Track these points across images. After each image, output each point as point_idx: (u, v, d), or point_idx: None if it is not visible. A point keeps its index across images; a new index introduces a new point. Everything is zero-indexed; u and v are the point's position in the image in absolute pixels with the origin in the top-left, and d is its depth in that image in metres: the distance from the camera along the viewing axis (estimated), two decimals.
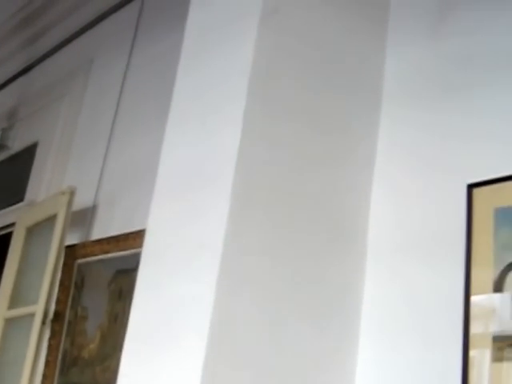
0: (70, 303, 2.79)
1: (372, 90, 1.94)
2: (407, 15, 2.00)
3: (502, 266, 1.57)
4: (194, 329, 1.55)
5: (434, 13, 1.93)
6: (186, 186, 1.77)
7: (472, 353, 1.56)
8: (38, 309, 2.67)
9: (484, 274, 1.59)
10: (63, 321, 2.78)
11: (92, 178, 2.97)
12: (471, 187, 1.67)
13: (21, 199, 3.55)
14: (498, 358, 1.52)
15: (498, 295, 1.56)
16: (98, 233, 2.85)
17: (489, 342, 1.54)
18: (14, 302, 3.00)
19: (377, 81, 1.95)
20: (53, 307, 2.76)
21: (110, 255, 2.70)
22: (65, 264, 2.84)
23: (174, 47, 2.11)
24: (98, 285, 2.73)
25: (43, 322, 2.64)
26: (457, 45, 1.84)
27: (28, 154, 3.68)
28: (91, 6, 3.47)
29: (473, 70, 1.80)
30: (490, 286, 1.58)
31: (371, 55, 1.97)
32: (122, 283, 2.61)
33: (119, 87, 3.06)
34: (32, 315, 2.71)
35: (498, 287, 1.57)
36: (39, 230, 3.02)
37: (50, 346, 2.76)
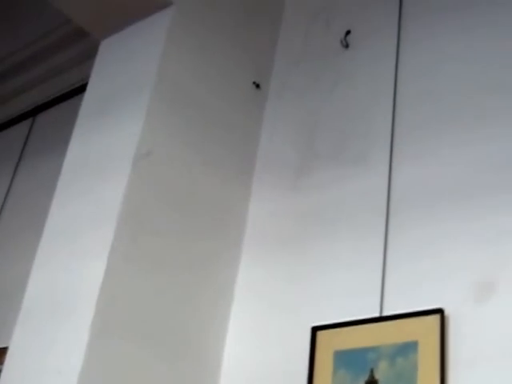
0: None
1: (235, 233, 2.11)
2: (272, 167, 2.22)
3: None
4: None
5: (295, 168, 2.15)
6: (50, 312, 1.83)
7: None
8: None
9: None
10: None
11: None
12: (315, 330, 1.82)
13: None
14: None
15: None
16: None
17: None
18: None
19: (240, 224, 2.13)
20: None
21: None
22: None
23: (57, 170, 2.21)
24: None
25: None
26: (312, 198, 2.06)
27: None
28: None
29: (324, 221, 2.00)
30: None
31: (236, 200, 2.15)
32: None
33: (1, 201, 3.11)
34: None
35: None
36: None
37: None
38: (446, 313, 1.64)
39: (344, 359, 1.75)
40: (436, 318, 1.64)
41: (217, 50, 2.24)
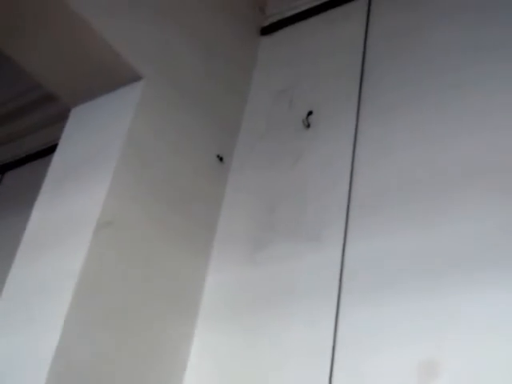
0: None
1: (191, 303, 2.15)
2: (231, 239, 2.28)
3: None
4: None
5: (253, 241, 2.22)
6: (3, 375, 1.85)
7: None
8: None
9: None
10: None
11: None
12: None
13: None
14: None
15: None
16: None
17: None
18: None
19: (196, 295, 2.17)
20: None
21: None
22: None
23: (22, 230, 2.24)
24: None
25: None
26: (267, 272, 2.12)
27: None
28: None
29: (278, 296, 2.06)
30: None
31: (194, 271, 2.20)
32: None
33: None
34: None
35: None
36: None
37: None
38: None
39: None
40: None
41: (184, 124, 2.32)
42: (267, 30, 2.76)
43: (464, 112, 2.05)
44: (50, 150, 2.87)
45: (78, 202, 2.05)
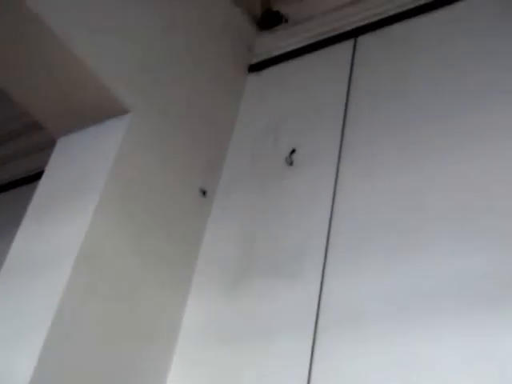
0: None
1: (169, 337, 2.17)
2: (211, 274, 2.30)
3: None
4: None
5: (233, 276, 2.23)
6: None
7: None
8: None
9: None
10: None
11: None
12: None
13: None
14: None
15: None
16: None
17: None
18: None
19: (174, 329, 2.19)
20: None
21: None
22: None
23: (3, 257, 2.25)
24: None
25: None
26: (245, 308, 2.14)
27: None
28: None
29: (255, 332, 2.07)
30: None
31: (173, 304, 2.22)
32: None
33: None
34: None
35: None
36: None
37: None
38: None
39: None
40: None
41: (168, 157, 2.36)
42: (255, 68, 2.82)
43: (446, 148, 2.09)
44: (37, 176, 2.88)
45: (60, 232, 2.07)
